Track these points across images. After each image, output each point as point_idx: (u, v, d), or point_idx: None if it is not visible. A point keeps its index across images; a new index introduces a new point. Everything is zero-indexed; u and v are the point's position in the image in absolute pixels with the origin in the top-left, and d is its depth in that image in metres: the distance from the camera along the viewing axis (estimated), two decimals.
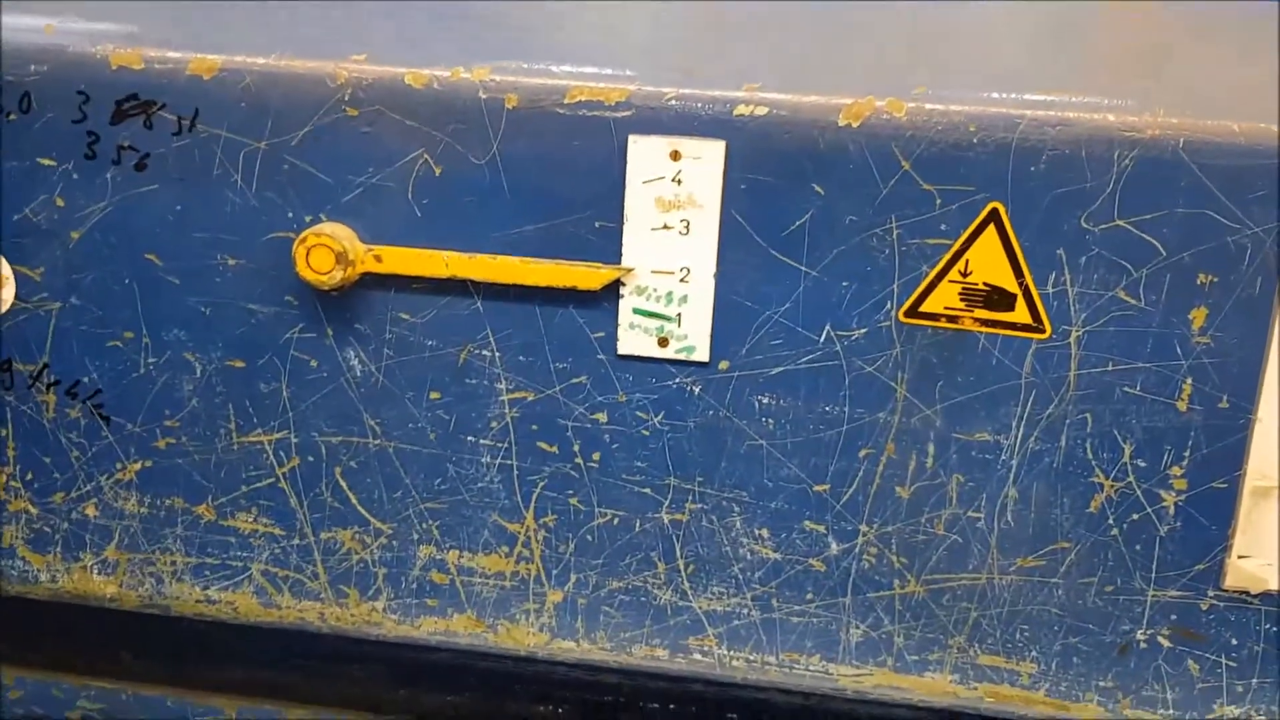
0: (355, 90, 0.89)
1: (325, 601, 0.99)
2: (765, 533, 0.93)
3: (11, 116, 0.93)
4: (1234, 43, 0.91)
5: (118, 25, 0.92)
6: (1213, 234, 0.82)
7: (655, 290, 0.89)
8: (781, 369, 0.89)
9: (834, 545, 0.92)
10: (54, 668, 1.10)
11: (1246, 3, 0.96)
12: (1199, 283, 0.83)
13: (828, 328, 0.88)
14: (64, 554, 1.02)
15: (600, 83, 0.87)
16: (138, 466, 0.99)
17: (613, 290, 0.90)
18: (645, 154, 0.87)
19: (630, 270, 0.88)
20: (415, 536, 0.97)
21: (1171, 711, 0.91)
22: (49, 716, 1.10)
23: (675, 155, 0.86)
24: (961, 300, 0.86)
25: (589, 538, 0.95)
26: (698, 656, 0.96)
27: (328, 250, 0.89)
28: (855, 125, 0.84)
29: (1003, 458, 0.89)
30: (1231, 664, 0.90)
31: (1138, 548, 0.89)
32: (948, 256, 0.85)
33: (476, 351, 0.92)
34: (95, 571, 1.02)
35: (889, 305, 0.87)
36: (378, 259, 0.90)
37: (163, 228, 0.93)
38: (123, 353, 0.96)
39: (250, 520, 0.98)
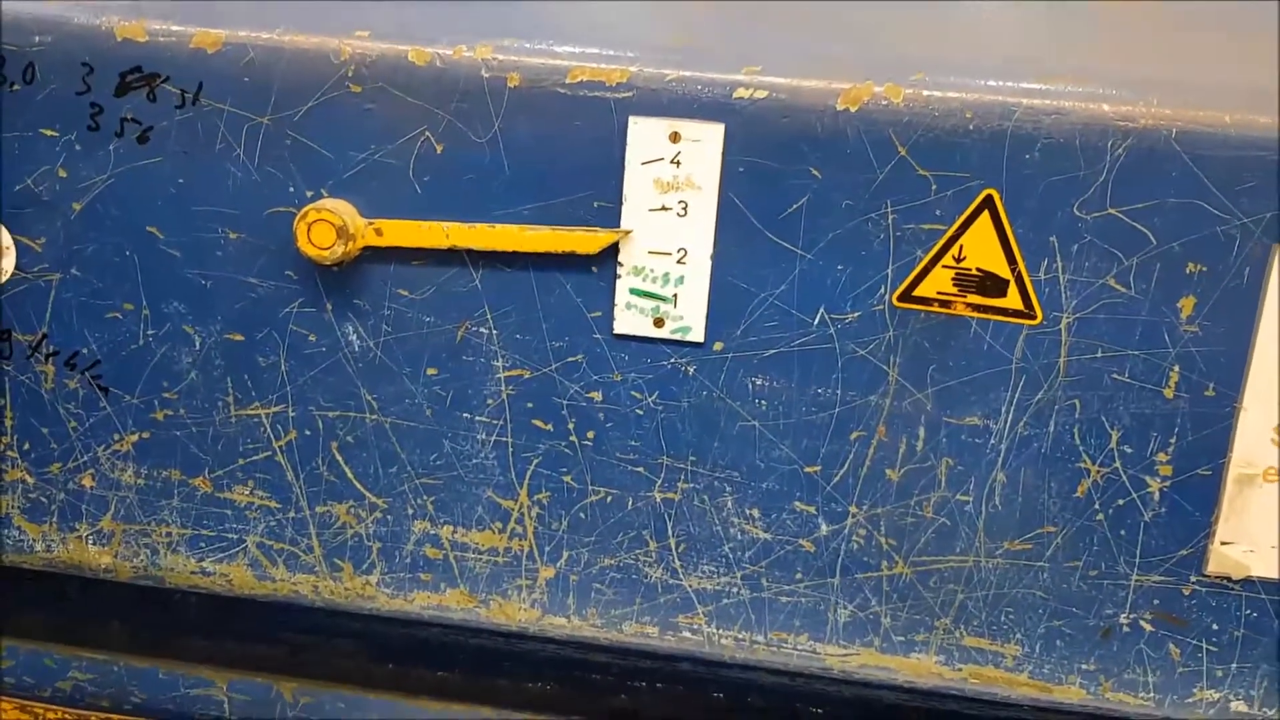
0: (358, 67, 0.90)
1: (319, 575, 1.00)
2: (756, 513, 0.94)
3: (15, 87, 0.93)
4: (1228, 34, 0.92)
5: None
6: (1202, 224, 0.84)
7: (652, 271, 0.90)
8: (775, 351, 0.91)
9: (824, 526, 0.93)
10: (47, 637, 1.11)
11: None
12: (1188, 272, 0.85)
13: (822, 310, 0.89)
14: (60, 524, 1.02)
15: (601, 63, 0.88)
16: (135, 438, 0.99)
17: (610, 270, 0.91)
18: (645, 135, 0.88)
19: (628, 233, 0.89)
20: (410, 511, 0.98)
21: (1152, 694, 0.93)
22: (41, 686, 1.11)
23: (675, 137, 0.87)
24: (955, 285, 0.87)
25: (582, 515, 0.96)
26: (687, 635, 0.97)
27: (328, 225, 0.90)
28: (853, 110, 0.85)
29: (992, 442, 0.90)
30: (1212, 649, 0.91)
31: (1122, 533, 0.90)
32: (942, 242, 0.86)
33: (474, 329, 0.93)
34: (91, 542, 1.02)
35: (883, 289, 0.88)
36: (378, 232, 0.91)
37: (164, 200, 0.94)
38: (122, 324, 0.97)
39: (246, 493, 0.99)
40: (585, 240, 0.89)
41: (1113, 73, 0.86)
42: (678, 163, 0.88)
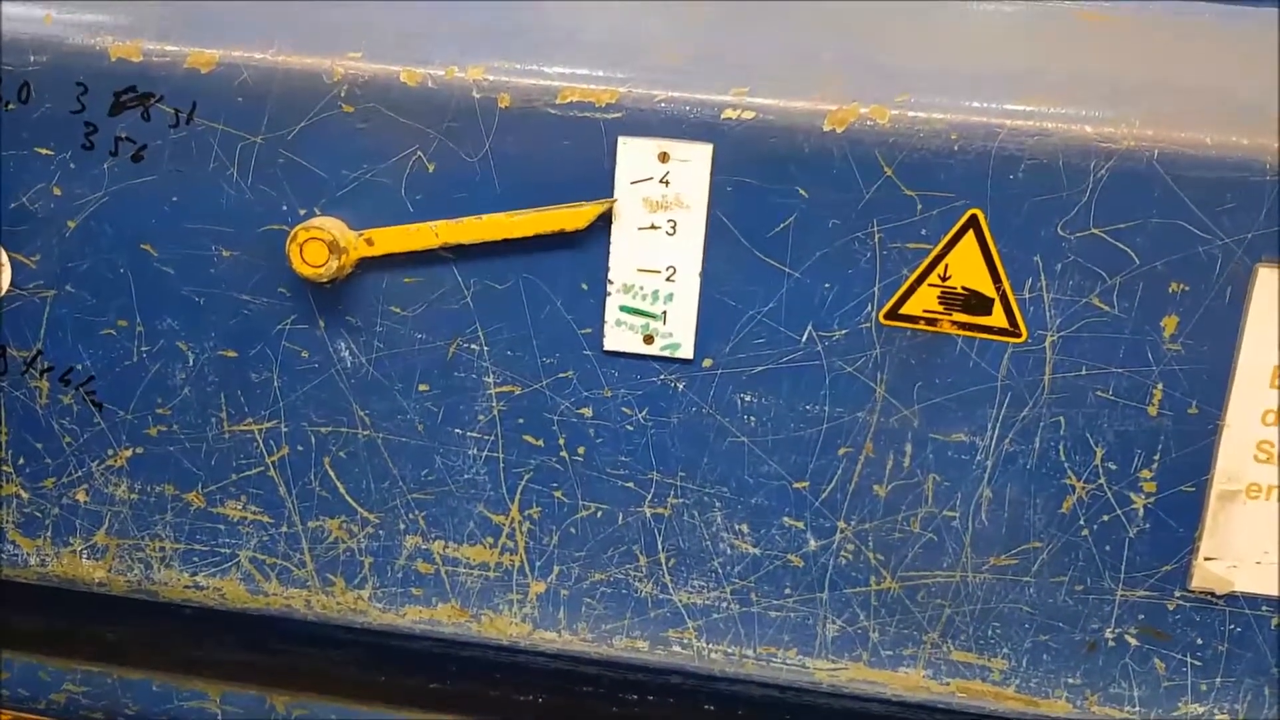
0: (351, 87, 0.90)
1: (312, 589, 1.01)
2: (745, 528, 0.95)
3: (10, 106, 0.94)
4: (1211, 55, 0.93)
5: (117, 17, 0.94)
6: (1184, 244, 0.85)
7: (642, 288, 0.91)
8: (764, 368, 0.91)
9: (812, 541, 0.94)
10: (41, 651, 1.11)
11: (1222, 12, 0.98)
12: (1170, 291, 0.86)
13: (810, 328, 0.90)
14: (54, 538, 1.03)
15: (591, 84, 0.89)
16: (129, 453, 1.00)
17: (600, 287, 0.91)
18: (634, 155, 0.89)
19: (614, 201, 0.89)
20: (402, 526, 0.98)
21: (1137, 708, 0.93)
22: (35, 698, 1.11)
23: (664, 157, 0.88)
24: (940, 304, 0.88)
25: (572, 530, 0.97)
26: (677, 649, 0.98)
27: (320, 243, 0.91)
28: (840, 131, 0.86)
29: (978, 458, 0.91)
30: (1196, 663, 0.92)
31: (1107, 548, 0.91)
32: (927, 261, 0.87)
33: (465, 345, 0.94)
34: (85, 556, 1.03)
35: (869, 307, 0.89)
36: (369, 242, 0.92)
37: (158, 218, 0.95)
38: (116, 341, 0.98)
39: (239, 508, 1.00)
40: (572, 216, 0.90)
41: (1099, 84, 0.86)
42: (667, 182, 0.89)
